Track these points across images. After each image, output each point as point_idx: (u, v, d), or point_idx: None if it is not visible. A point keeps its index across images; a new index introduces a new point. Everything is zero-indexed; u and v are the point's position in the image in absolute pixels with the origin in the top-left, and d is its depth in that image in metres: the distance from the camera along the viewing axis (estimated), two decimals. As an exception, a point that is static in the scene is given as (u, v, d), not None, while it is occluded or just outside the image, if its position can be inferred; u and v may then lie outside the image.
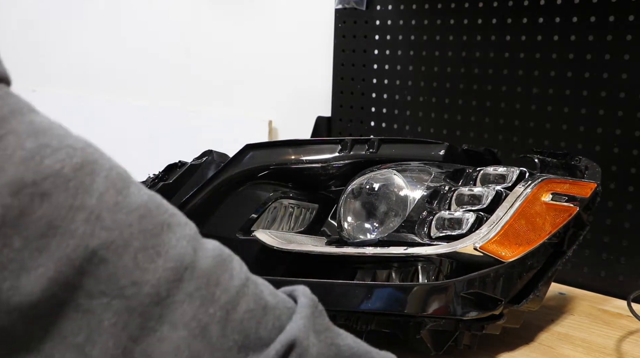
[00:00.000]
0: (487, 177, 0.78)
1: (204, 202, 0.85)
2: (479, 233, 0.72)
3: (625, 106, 1.02)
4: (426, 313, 0.71)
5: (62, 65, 1.64)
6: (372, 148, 0.83)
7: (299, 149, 0.85)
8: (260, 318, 0.41)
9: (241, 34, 1.58)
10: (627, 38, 1.01)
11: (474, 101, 1.19)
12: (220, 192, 0.85)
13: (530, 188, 0.76)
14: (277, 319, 0.42)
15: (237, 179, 0.85)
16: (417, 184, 0.77)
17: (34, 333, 0.34)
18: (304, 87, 1.49)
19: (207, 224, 0.83)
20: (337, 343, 0.43)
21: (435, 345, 0.76)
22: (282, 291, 0.46)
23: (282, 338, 0.40)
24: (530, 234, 0.75)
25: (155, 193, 0.42)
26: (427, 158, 0.82)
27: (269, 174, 0.85)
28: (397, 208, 0.76)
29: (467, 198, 0.75)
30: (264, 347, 0.40)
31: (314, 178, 0.85)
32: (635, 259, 1.03)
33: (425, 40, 1.24)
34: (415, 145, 0.84)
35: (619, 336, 0.88)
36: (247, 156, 0.85)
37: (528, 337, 0.86)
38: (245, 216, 0.84)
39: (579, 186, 0.81)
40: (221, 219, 0.84)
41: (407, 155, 0.83)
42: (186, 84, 1.68)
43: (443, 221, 0.73)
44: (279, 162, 0.85)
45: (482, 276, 0.72)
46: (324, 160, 0.84)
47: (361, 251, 0.75)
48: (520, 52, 1.12)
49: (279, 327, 0.41)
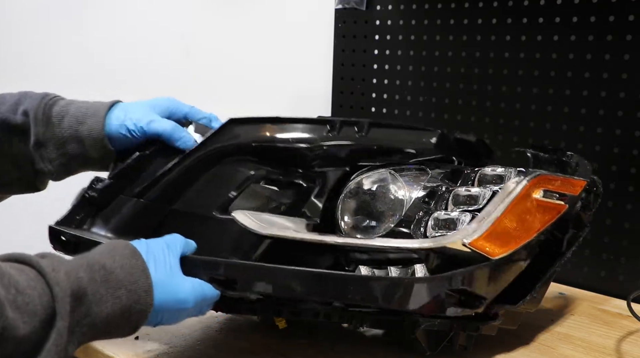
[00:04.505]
0: (484, 178, 0.78)
1: (180, 176, 0.80)
2: (468, 228, 0.71)
3: (625, 106, 1.02)
4: (409, 309, 0.69)
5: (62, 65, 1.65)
6: (362, 131, 0.78)
7: (285, 128, 0.81)
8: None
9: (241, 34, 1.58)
10: (627, 38, 1.00)
11: (474, 101, 1.19)
12: (199, 167, 0.80)
13: (523, 184, 0.75)
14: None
15: (217, 155, 0.80)
16: (413, 184, 0.77)
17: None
18: (304, 87, 1.49)
19: (182, 199, 0.80)
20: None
21: (430, 345, 0.76)
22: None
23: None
24: (519, 231, 0.74)
25: None
26: (418, 145, 0.79)
27: (252, 151, 0.80)
28: (394, 208, 0.76)
29: (463, 198, 0.75)
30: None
31: (298, 158, 0.81)
32: (635, 259, 1.03)
33: (425, 40, 1.24)
34: (407, 131, 0.81)
35: (619, 336, 0.88)
36: (230, 130, 0.81)
37: (527, 337, 0.86)
38: (223, 194, 0.79)
39: (569, 184, 0.80)
40: (197, 196, 0.80)
41: (397, 141, 0.80)
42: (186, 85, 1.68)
43: (439, 221, 0.72)
44: (263, 139, 0.80)
45: (468, 273, 0.70)
46: (311, 140, 0.80)
47: (346, 241, 0.73)
48: (520, 52, 1.12)
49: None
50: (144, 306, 0.62)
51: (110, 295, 0.60)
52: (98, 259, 0.61)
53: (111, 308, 0.59)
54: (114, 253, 0.63)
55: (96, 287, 0.59)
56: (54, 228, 0.80)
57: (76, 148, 0.83)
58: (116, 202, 0.82)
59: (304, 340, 0.83)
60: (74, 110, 0.83)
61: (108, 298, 0.59)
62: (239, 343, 0.83)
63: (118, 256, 0.63)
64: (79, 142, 0.82)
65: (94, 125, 0.82)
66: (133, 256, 0.64)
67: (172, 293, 0.65)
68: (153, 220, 0.80)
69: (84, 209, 0.82)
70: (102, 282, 0.59)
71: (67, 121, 0.82)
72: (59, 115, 0.82)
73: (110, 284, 0.60)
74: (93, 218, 0.82)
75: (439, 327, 0.75)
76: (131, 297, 0.61)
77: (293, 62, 1.52)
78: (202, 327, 0.87)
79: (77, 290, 0.57)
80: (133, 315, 0.62)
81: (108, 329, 0.60)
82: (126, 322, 0.62)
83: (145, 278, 0.63)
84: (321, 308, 0.75)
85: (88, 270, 0.59)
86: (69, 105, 0.84)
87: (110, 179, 0.82)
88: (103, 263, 0.61)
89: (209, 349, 0.81)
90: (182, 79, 1.70)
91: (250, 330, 0.87)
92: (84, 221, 0.82)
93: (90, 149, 0.83)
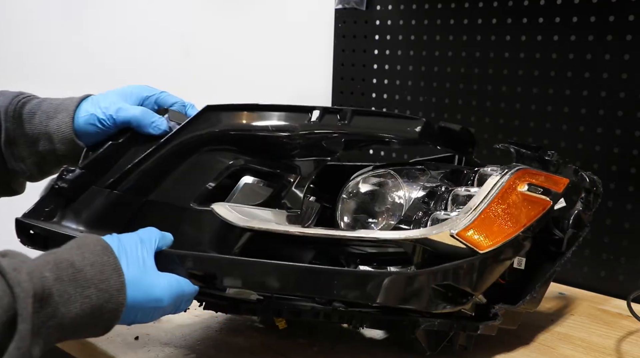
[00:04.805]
0: (484, 177, 0.78)
1: (155, 166, 0.76)
2: (456, 219, 0.70)
3: (625, 106, 1.02)
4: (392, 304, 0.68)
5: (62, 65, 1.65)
6: (344, 119, 0.74)
7: (264, 115, 0.76)
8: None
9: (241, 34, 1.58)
10: (627, 38, 1.00)
11: (474, 101, 1.19)
12: (174, 156, 0.77)
13: (507, 176, 0.75)
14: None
15: (194, 143, 0.76)
16: (413, 184, 0.77)
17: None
18: (304, 87, 1.49)
19: (158, 190, 0.77)
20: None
21: (430, 345, 0.76)
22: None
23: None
24: (506, 224, 0.73)
25: None
26: (402, 134, 0.75)
27: (229, 139, 0.77)
28: (393, 208, 0.76)
29: (463, 198, 0.75)
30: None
31: (278, 147, 0.77)
32: (635, 259, 1.03)
33: (425, 40, 1.24)
34: (391, 119, 0.77)
35: (619, 336, 0.88)
36: (207, 118, 0.77)
37: (527, 337, 0.86)
38: (201, 185, 0.76)
39: (553, 181, 0.80)
40: (174, 187, 0.76)
41: (380, 129, 0.76)
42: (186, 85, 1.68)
43: (438, 221, 0.72)
44: (241, 128, 0.77)
45: (455, 267, 0.69)
46: (291, 129, 0.75)
47: (327, 233, 0.71)
48: (520, 52, 1.12)
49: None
50: (115, 305, 0.60)
51: (79, 295, 0.57)
52: (67, 256, 0.59)
53: (80, 308, 0.57)
54: (84, 250, 0.61)
55: (63, 287, 0.56)
56: (21, 221, 0.76)
57: (46, 145, 0.80)
58: (88, 193, 0.78)
59: (304, 340, 0.83)
60: (45, 106, 0.81)
61: (77, 298, 0.57)
62: (239, 343, 0.83)
63: (88, 253, 0.60)
64: (48, 138, 0.80)
65: (63, 119, 0.79)
66: (104, 253, 0.61)
67: (145, 292, 0.63)
68: (127, 212, 0.77)
69: (54, 201, 0.78)
70: (70, 281, 0.57)
71: (37, 118, 0.80)
72: (30, 112, 0.80)
73: (78, 283, 0.58)
74: (63, 210, 0.78)
75: (439, 327, 0.75)
76: (102, 296, 0.59)
77: (293, 62, 1.52)
78: (202, 327, 0.87)
79: (41, 291, 0.54)
80: (104, 314, 0.59)
81: (77, 329, 0.58)
82: (97, 322, 0.59)
83: (117, 276, 0.60)
84: (321, 308, 0.75)
85: (54, 269, 0.57)
86: (41, 102, 0.81)
87: (81, 170, 0.78)
88: (72, 261, 0.59)
89: (209, 349, 0.81)
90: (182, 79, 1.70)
91: (250, 330, 0.87)
92: (53, 214, 0.78)
93: (59, 145, 0.80)
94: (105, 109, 0.80)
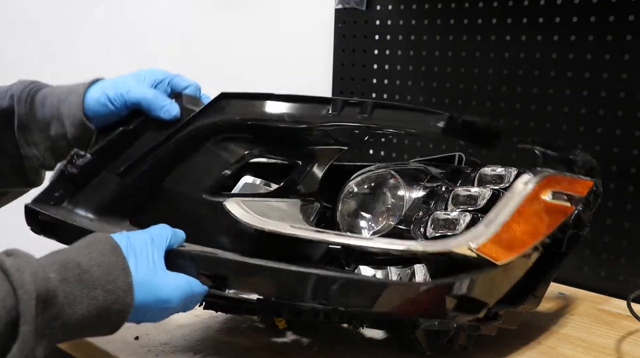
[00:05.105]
0: (484, 177, 0.77)
1: (167, 154, 0.74)
2: (475, 231, 0.69)
3: (625, 106, 1.02)
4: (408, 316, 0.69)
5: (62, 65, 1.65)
6: (365, 113, 0.71)
7: (282, 106, 0.74)
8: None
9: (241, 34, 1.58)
10: (627, 38, 1.00)
11: (474, 101, 1.19)
12: (188, 143, 0.74)
13: (531, 185, 0.73)
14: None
15: (208, 131, 0.74)
16: (413, 184, 0.77)
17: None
18: (304, 87, 1.49)
19: (169, 179, 0.75)
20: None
21: (430, 345, 0.76)
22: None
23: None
24: (526, 235, 0.72)
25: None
26: (424, 128, 0.73)
27: (245, 128, 0.74)
28: (393, 208, 0.76)
29: (463, 198, 0.74)
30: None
31: (295, 138, 0.75)
32: (635, 259, 1.03)
33: (425, 40, 1.24)
34: (413, 113, 0.74)
35: (619, 336, 0.88)
36: (221, 106, 0.75)
37: (527, 337, 0.86)
38: (213, 174, 0.74)
39: (577, 184, 0.79)
40: (186, 176, 0.74)
41: (402, 124, 0.74)
42: (187, 85, 1.68)
43: (438, 221, 0.72)
44: (258, 118, 0.74)
45: (471, 279, 0.68)
46: (309, 120, 0.73)
47: (346, 241, 0.70)
48: (520, 52, 1.12)
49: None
50: (122, 306, 0.59)
51: (86, 296, 0.57)
52: (74, 256, 0.59)
53: (86, 310, 0.57)
54: (92, 249, 0.60)
55: (69, 288, 0.56)
56: (30, 207, 0.74)
57: (58, 129, 0.78)
58: (98, 179, 0.76)
59: (304, 340, 0.83)
60: (57, 90, 0.80)
61: (83, 299, 0.56)
62: (239, 343, 0.83)
63: (96, 253, 0.60)
64: (60, 122, 0.78)
65: (73, 101, 0.78)
66: (112, 253, 0.60)
67: (154, 293, 0.62)
68: (137, 200, 0.76)
69: (63, 186, 0.76)
70: (76, 282, 0.57)
71: (49, 102, 0.79)
72: (43, 96, 0.79)
73: (84, 284, 0.57)
74: (73, 196, 0.76)
75: (439, 327, 0.75)
76: (109, 298, 0.58)
77: (293, 63, 1.52)
78: (202, 327, 0.87)
79: (45, 292, 0.54)
80: (111, 315, 0.59)
81: (83, 330, 0.58)
82: (104, 323, 0.59)
83: (125, 277, 0.60)
84: (321, 308, 0.74)
85: (60, 270, 0.56)
86: (54, 88, 0.81)
87: (92, 155, 0.76)
88: (78, 262, 0.58)
89: (209, 349, 0.81)
90: (182, 79, 1.69)
91: (250, 330, 0.87)
92: (62, 199, 0.76)
93: (70, 128, 0.78)
94: (117, 88, 0.78)
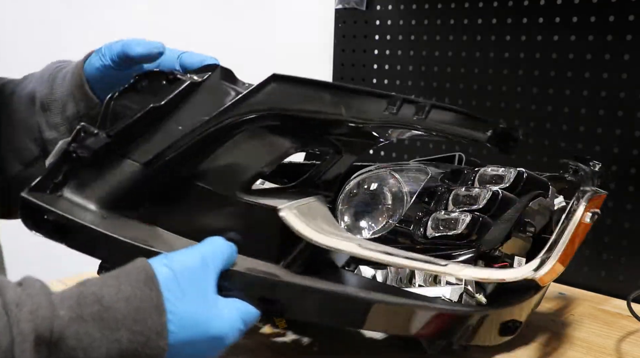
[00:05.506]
0: (484, 177, 0.78)
1: (200, 141, 0.64)
2: (539, 261, 0.67)
3: (625, 106, 1.02)
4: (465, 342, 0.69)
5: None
6: (421, 114, 0.63)
7: (339, 100, 0.64)
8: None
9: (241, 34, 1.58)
10: (627, 38, 1.00)
11: (474, 101, 1.19)
12: (227, 131, 0.65)
13: (581, 208, 0.72)
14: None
15: (253, 119, 0.65)
16: (413, 184, 0.77)
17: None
18: (304, 87, 1.49)
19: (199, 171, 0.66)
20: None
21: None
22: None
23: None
24: (569, 256, 0.72)
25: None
26: (471, 136, 0.64)
27: (294, 119, 0.65)
28: (393, 208, 0.76)
29: (463, 198, 0.75)
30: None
31: (345, 132, 0.67)
32: (635, 259, 1.03)
33: (425, 40, 1.24)
34: (466, 118, 0.65)
35: (619, 336, 0.88)
36: (271, 90, 0.65)
37: (528, 337, 0.86)
38: (250, 170, 0.65)
39: (600, 199, 0.79)
40: (219, 169, 0.66)
41: (453, 128, 0.64)
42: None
43: (438, 221, 0.72)
44: (312, 110, 0.65)
45: (521, 303, 0.69)
46: (367, 118, 0.64)
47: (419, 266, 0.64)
48: (520, 52, 1.12)
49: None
50: (154, 350, 0.50)
51: (106, 338, 0.48)
52: (95, 289, 0.50)
53: (106, 354, 0.48)
54: (122, 280, 0.51)
55: (84, 328, 0.48)
56: (26, 199, 0.62)
57: (72, 108, 0.72)
58: (114, 166, 0.65)
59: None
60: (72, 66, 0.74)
61: (102, 342, 0.48)
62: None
63: (126, 285, 0.51)
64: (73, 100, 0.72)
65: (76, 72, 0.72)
66: (147, 284, 0.51)
67: (202, 330, 0.53)
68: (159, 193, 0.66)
69: (67, 171, 0.64)
70: (95, 321, 0.48)
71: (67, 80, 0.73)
72: (63, 75, 0.73)
73: (105, 323, 0.48)
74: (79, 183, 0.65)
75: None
76: (135, 340, 0.49)
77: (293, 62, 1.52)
78: (202, 327, 0.86)
79: (48, 333, 0.46)
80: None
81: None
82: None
83: (158, 316, 0.50)
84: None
85: (75, 306, 0.48)
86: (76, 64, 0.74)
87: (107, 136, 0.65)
88: (100, 296, 0.49)
89: (209, 349, 0.81)
90: (182, 79, 1.69)
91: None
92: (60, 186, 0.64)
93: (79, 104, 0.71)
94: (108, 44, 0.72)
